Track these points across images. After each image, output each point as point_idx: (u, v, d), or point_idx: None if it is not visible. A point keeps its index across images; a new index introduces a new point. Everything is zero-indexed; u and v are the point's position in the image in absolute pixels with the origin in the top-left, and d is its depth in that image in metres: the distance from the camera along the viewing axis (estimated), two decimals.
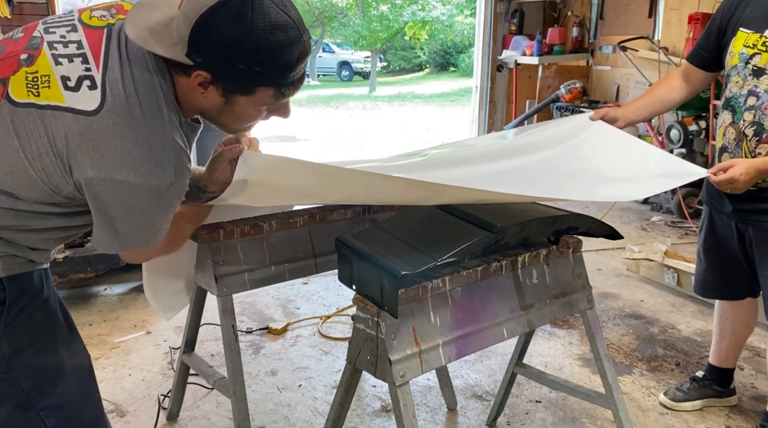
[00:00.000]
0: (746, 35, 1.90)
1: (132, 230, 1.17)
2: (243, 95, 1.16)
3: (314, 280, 3.56)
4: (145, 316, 3.10)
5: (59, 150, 1.07)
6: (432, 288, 1.46)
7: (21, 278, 1.19)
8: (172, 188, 1.13)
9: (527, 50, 6.25)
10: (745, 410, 2.40)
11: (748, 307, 2.28)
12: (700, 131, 4.68)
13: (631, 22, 5.73)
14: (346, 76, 21.55)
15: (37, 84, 1.08)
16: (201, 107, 1.21)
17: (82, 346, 1.33)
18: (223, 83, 1.14)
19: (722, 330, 2.35)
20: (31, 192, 1.11)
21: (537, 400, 2.44)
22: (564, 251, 1.77)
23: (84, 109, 1.07)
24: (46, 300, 1.26)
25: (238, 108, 1.19)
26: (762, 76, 1.86)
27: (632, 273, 3.76)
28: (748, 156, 1.90)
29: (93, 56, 1.11)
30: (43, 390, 1.21)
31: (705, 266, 2.25)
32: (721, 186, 1.82)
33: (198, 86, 1.14)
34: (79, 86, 1.08)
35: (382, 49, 21.29)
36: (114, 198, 1.10)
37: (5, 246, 1.16)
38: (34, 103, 1.07)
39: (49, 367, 1.23)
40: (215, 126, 1.29)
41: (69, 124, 1.06)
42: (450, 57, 22.44)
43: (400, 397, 1.42)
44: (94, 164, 1.07)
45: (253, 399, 2.39)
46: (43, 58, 1.11)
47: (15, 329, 1.18)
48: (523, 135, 2.14)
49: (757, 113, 1.87)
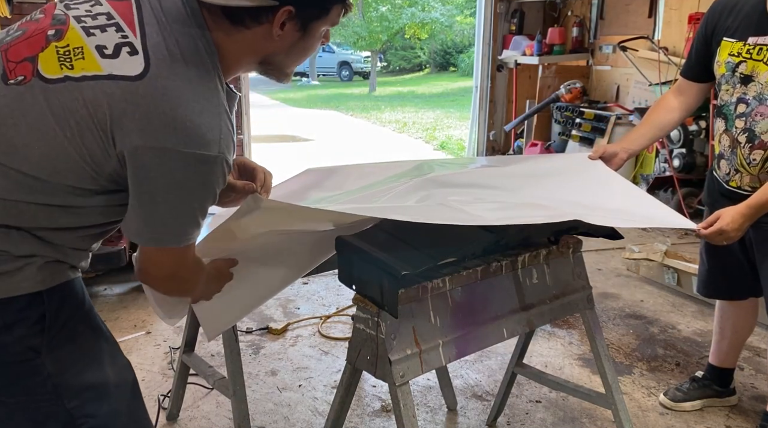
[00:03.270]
0: (730, 44, 1.92)
1: (167, 214, 1.07)
2: (319, 20, 1.16)
3: (314, 280, 3.56)
4: (145, 316, 3.10)
5: (101, 120, 1.01)
6: (432, 288, 1.46)
7: (61, 288, 1.12)
8: (219, 160, 1.06)
9: (527, 50, 6.25)
10: (745, 410, 2.40)
11: (750, 307, 2.28)
12: (700, 131, 4.68)
13: (631, 22, 5.73)
14: (346, 76, 21.56)
15: (70, 57, 1.02)
16: (266, 54, 1.18)
17: (126, 360, 1.25)
18: (304, 13, 1.13)
19: (723, 330, 2.35)
20: (70, 176, 1.04)
21: (537, 400, 2.44)
22: (564, 251, 1.77)
23: (127, 74, 1.01)
24: (88, 312, 1.19)
25: (311, 37, 1.18)
26: (750, 83, 1.88)
27: (632, 273, 3.76)
28: (743, 162, 1.92)
29: (127, 24, 1.05)
30: (88, 410, 1.14)
31: (707, 267, 2.25)
32: (713, 240, 1.83)
33: (277, 27, 1.11)
34: (118, 53, 1.02)
35: (382, 49, 21.29)
36: (159, 171, 1.02)
37: (44, 248, 1.09)
38: (69, 76, 1.01)
39: (94, 385, 1.16)
40: (273, 77, 1.27)
41: (111, 91, 1.00)
42: (450, 57, 22.45)
43: (400, 397, 1.42)
44: (141, 131, 1.00)
45: (253, 399, 2.39)
46: (73, 32, 1.05)
47: (58, 346, 1.11)
48: (517, 166, 2.11)
49: (748, 119, 1.89)
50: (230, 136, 1.09)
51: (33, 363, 1.09)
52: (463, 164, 2.13)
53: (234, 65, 1.16)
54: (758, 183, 1.91)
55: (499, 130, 6.83)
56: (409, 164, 1.93)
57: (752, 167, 1.91)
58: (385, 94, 17.07)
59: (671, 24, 5.30)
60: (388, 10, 19.11)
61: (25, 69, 1.03)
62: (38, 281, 1.08)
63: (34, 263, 1.08)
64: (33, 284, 1.08)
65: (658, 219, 1.82)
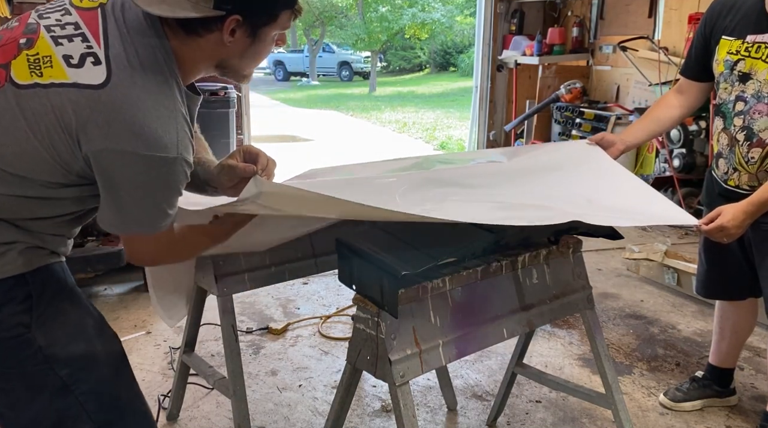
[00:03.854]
0: (729, 43, 1.93)
1: (136, 209, 1.17)
2: (268, 26, 1.22)
3: (314, 280, 3.56)
4: (145, 316, 3.10)
5: (67, 125, 1.10)
6: (432, 288, 1.46)
7: (43, 271, 1.22)
8: (178, 161, 1.15)
9: (527, 50, 6.25)
10: (745, 410, 2.40)
11: (749, 307, 2.28)
12: (700, 131, 4.68)
13: (631, 22, 5.73)
14: (346, 77, 21.57)
15: (40, 65, 1.11)
16: (221, 59, 1.25)
17: (112, 332, 1.36)
18: (252, 20, 1.19)
19: (723, 331, 2.35)
20: (43, 173, 1.14)
21: (537, 400, 2.44)
22: (564, 251, 1.77)
23: (90, 83, 1.10)
24: (71, 290, 1.29)
25: (262, 42, 1.24)
26: (748, 81, 1.88)
27: (632, 273, 3.76)
28: (741, 160, 1.93)
29: (92, 35, 1.14)
30: (79, 376, 1.25)
31: (706, 267, 2.25)
32: (714, 236, 1.83)
33: (228, 35, 1.18)
34: (83, 63, 1.11)
35: (382, 49, 21.29)
36: (122, 171, 1.12)
37: (23, 235, 1.19)
38: (38, 83, 1.10)
39: (83, 355, 1.26)
40: (231, 78, 1.34)
41: (75, 99, 1.09)
42: (450, 57, 22.45)
43: (400, 397, 1.42)
44: (104, 136, 1.09)
45: (253, 399, 2.39)
46: (42, 41, 1.14)
47: (46, 320, 1.22)
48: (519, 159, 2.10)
49: (746, 117, 1.89)
50: (186, 137, 1.18)
51: (24, 337, 1.19)
52: (465, 160, 2.11)
53: (192, 70, 1.25)
54: (756, 182, 1.91)
55: (499, 130, 6.84)
56: (410, 160, 1.94)
57: (750, 166, 1.91)
58: (385, 95, 17.07)
59: (671, 24, 5.30)
60: (388, 10, 19.10)
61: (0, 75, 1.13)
62: (20, 265, 1.19)
63: (14, 248, 1.18)
64: (16, 267, 1.18)
65: (659, 216, 1.81)
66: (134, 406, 1.37)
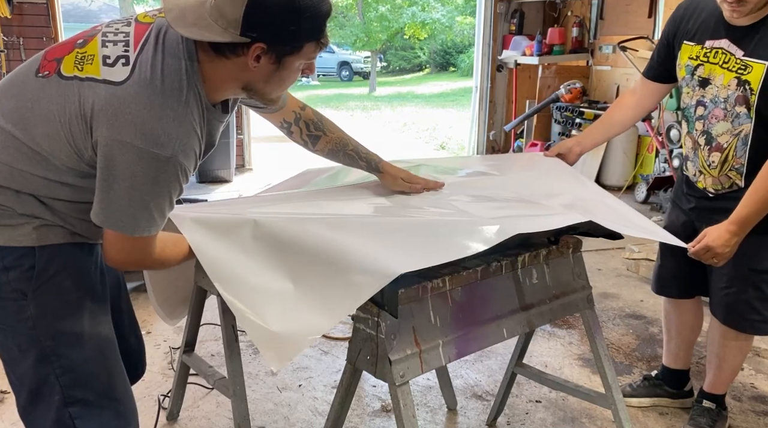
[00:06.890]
0: (690, 48, 1.95)
1: (122, 202, 1.23)
2: (292, 55, 1.28)
3: None
4: (145, 316, 3.10)
5: (85, 113, 1.22)
6: (432, 288, 1.46)
7: (51, 249, 1.32)
8: (171, 162, 1.22)
9: (527, 50, 6.26)
10: (745, 410, 2.40)
11: (692, 308, 2.28)
12: None
13: (631, 22, 5.73)
14: (346, 77, 21.55)
15: (83, 61, 1.26)
16: (247, 82, 1.32)
17: (108, 319, 1.44)
18: (277, 49, 1.25)
19: (669, 331, 2.37)
20: (62, 156, 1.25)
21: (537, 400, 2.44)
22: (564, 251, 1.77)
23: (114, 80, 1.22)
24: (80, 271, 1.37)
25: (286, 70, 1.30)
26: (707, 86, 1.90)
27: (632, 273, 3.76)
28: (704, 164, 1.95)
29: (134, 42, 1.27)
30: (60, 351, 1.35)
31: (660, 262, 2.27)
32: (702, 258, 1.83)
33: (252, 60, 1.25)
34: (115, 63, 1.24)
35: (382, 49, 21.29)
36: (117, 160, 1.20)
37: (45, 212, 1.30)
38: (78, 76, 1.25)
39: (68, 332, 1.36)
40: (258, 101, 1.42)
41: (99, 92, 1.22)
42: (450, 57, 22.43)
43: (400, 397, 1.42)
44: (110, 126, 1.20)
45: (253, 399, 2.39)
46: (94, 43, 1.29)
47: (43, 293, 1.32)
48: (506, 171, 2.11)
49: (706, 122, 1.91)
50: (190, 145, 1.25)
51: (20, 303, 1.31)
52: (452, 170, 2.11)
53: (219, 88, 1.32)
54: (720, 185, 1.93)
55: (499, 130, 6.84)
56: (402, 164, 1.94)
57: (712, 169, 1.93)
58: (385, 95, 17.06)
59: None
60: (387, 10, 19.08)
61: (51, 67, 1.28)
62: (33, 239, 1.30)
63: (31, 223, 1.30)
64: (27, 240, 1.30)
65: (650, 231, 1.81)
66: (112, 394, 1.44)
